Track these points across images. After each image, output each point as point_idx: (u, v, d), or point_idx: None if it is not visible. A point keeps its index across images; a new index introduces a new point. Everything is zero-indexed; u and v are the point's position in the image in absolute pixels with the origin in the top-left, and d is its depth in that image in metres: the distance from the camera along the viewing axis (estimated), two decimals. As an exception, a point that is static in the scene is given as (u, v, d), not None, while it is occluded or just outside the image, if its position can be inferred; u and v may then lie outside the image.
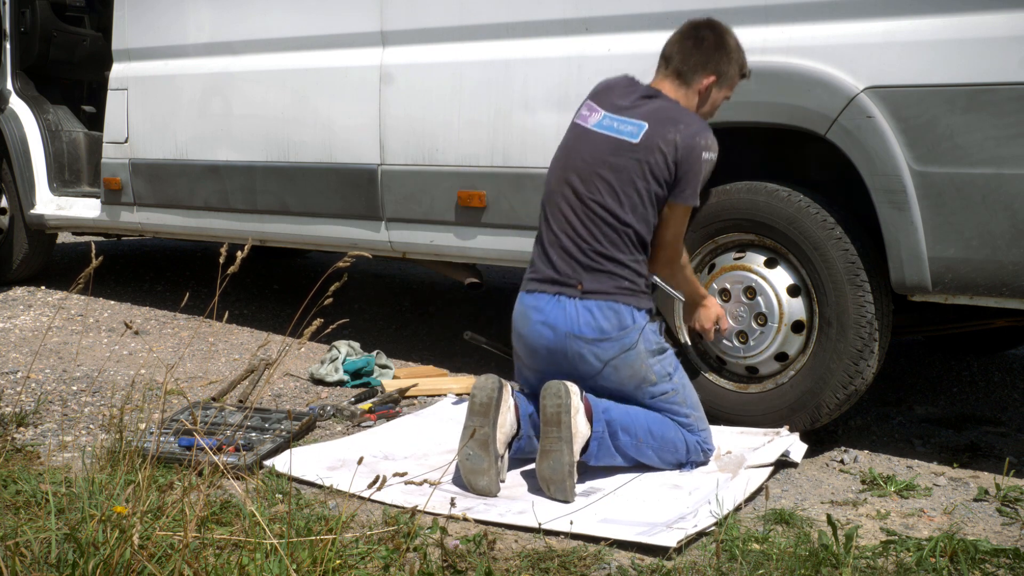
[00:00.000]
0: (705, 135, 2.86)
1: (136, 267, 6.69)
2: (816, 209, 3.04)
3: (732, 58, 2.95)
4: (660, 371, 2.90)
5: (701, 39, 2.92)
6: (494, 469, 2.74)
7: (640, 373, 2.88)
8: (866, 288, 2.96)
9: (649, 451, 2.88)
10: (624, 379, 2.88)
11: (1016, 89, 2.66)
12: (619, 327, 2.83)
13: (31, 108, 5.61)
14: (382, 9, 4.00)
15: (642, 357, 2.86)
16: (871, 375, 3.02)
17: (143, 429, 2.94)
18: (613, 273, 2.84)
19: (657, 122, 2.85)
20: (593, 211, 2.86)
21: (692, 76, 2.93)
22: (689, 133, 2.83)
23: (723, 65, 2.93)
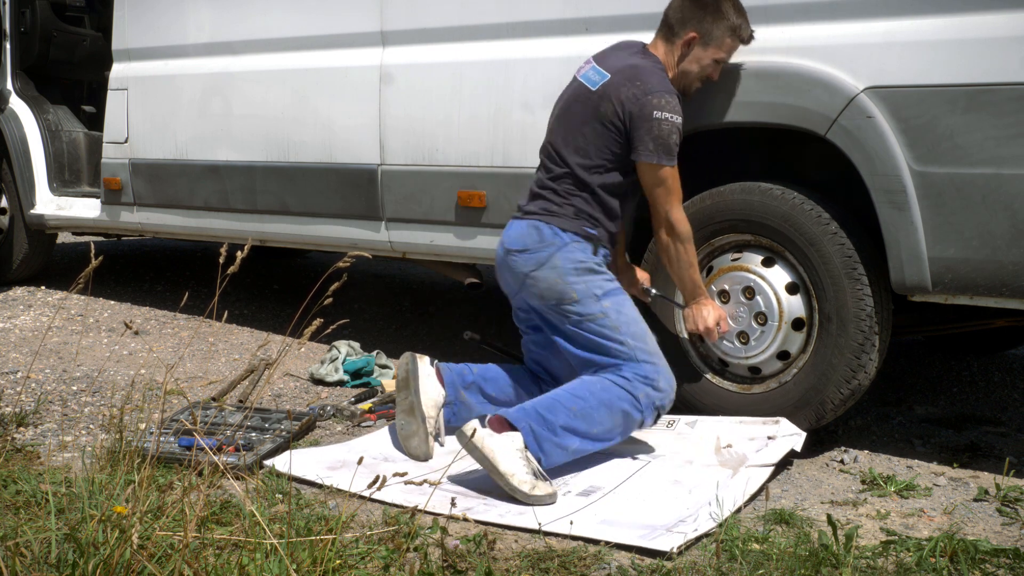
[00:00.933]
0: (660, 95, 2.91)
1: (136, 267, 6.69)
2: (811, 206, 3.04)
3: (721, 18, 2.99)
4: (583, 290, 2.94)
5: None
6: (422, 430, 3.03)
7: (557, 288, 2.96)
8: (864, 282, 2.96)
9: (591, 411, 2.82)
10: (543, 294, 2.99)
11: (1016, 89, 2.66)
12: (538, 241, 2.99)
13: (31, 108, 5.61)
14: (382, 9, 4.00)
15: (559, 272, 2.96)
16: (873, 369, 3.02)
17: (143, 429, 2.94)
18: (547, 199, 3.03)
19: (620, 75, 2.97)
20: (547, 150, 3.09)
21: (677, 30, 3.04)
22: (643, 90, 2.92)
23: (707, 24, 2.99)
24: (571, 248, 2.97)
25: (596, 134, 2.98)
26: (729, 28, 3.00)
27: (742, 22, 3.02)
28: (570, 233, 2.98)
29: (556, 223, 2.99)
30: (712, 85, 3.14)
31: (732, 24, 3.00)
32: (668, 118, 2.91)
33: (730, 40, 3.02)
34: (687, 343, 3.32)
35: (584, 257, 2.97)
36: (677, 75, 3.07)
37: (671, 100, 2.93)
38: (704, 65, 3.04)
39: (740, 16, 3.02)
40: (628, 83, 2.95)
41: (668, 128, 2.92)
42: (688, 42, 3.02)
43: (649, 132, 2.90)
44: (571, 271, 2.95)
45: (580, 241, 2.98)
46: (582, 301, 2.94)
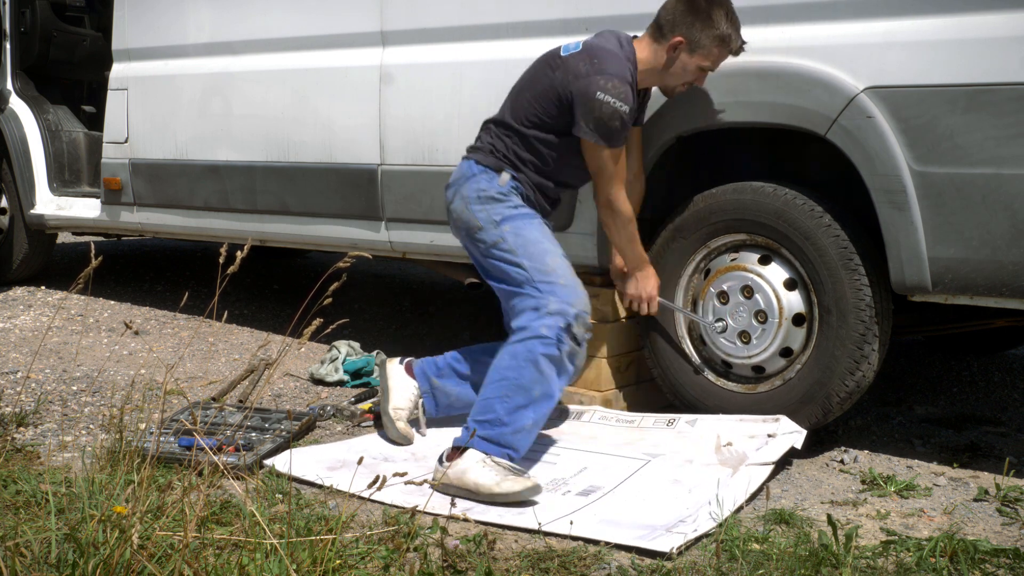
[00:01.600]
0: (609, 78, 2.91)
1: (136, 267, 6.69)
2: (803, 200, 3.04)
3: (710, 26, 2.96)
4: (484, 218, 3.02)
5: (693, 3, 2.99)
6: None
7: (464, 218, 3.07)
8: (861, 272, 2.96)
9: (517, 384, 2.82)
10: (457, 224, 3.12)
11: (1016, 89, 2.66)
12: (457, 176, 3.12)
13: (31, 108, 5.61)
14: (382, 9, 4.00)
15: (465, 201, 3.06)
16: (876, 360, 3.02)
17: (143, 429, 2.94)
18: (478, 139, 3.17)
19: (585, 49, 3.00)
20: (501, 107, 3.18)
21: (666, 32, 3.03)
22: (595, 69, 2.93)
23: (696, 30, 2.97)
24: (478, 178, 3.05)
25: (544, 94, 3.01)
26: (718, 37, 2.98)
27: (732, 32, 2.98)
28: (481, 166, 3.06)
29: (474, 158, 3.10)
30: (712, 85, 3.15)
31: (721, 33, 2.97)
32: (610, 102, 2.90)
33: (717, 50, 3.00)
34: (690, 347, 3.31)
35: (487, 186, 3.03)
36: (660, 76, 3.08)
37: (619, 86, 2.90)
38: (689, 71, 3.04)
39: (731, 26, 2.98)
40: (586, 58, 2.96)
41: (609, 112, 2.90)
42: (675, 46, 3.00)
43: (590, 112, 2.92)
44: (474, 199, 3.04)
45: (488, 172, 3.05)
46: (484, 228, 3.02)
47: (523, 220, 3.02)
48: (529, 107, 3.04)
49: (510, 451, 2.80)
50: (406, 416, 3.24)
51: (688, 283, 3.31)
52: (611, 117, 2.91)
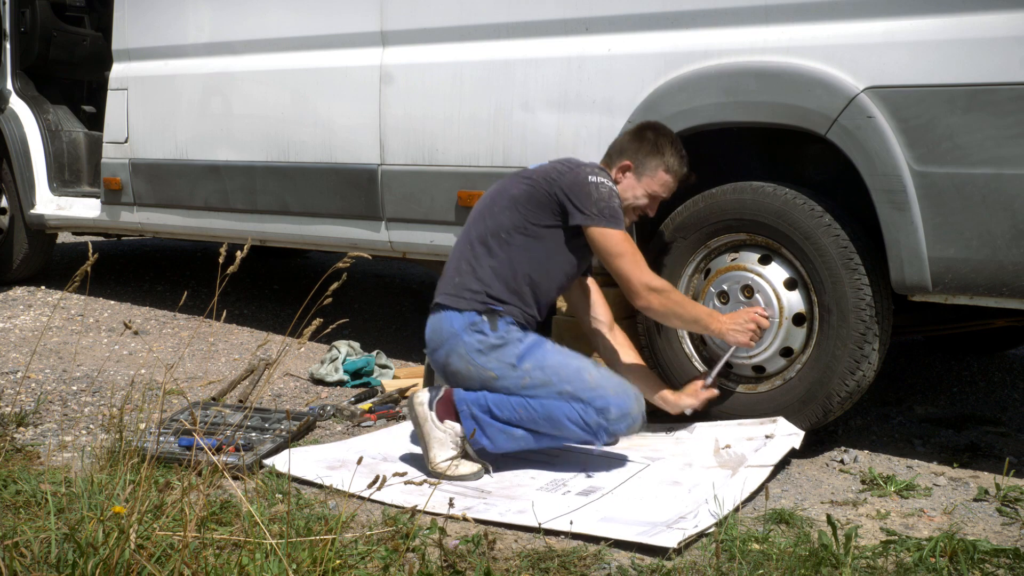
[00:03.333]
0: (591, 168, 2.97)
1: (136, 267, 6.69)
2: (803, 200, 3.04)
3: (658, 154, 3.06)
4: (498, 367, 2.88)
5: (640, 132, 3.11)
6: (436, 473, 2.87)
7: (475, 374, 2.91)
8: (861, 271, 2.96)
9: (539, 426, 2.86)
10: (466, 384, 2.94)
11: (1016, 89, 2.66)
12: (438, 338, 2.96)
13: (31, 108, 5.61)
14: (382, 9, 4.00)
15: (466, 359, 2.91)
16: (876, 360, 3.02)
17: (143, 429, 2.94)
18: (446, 279, 3.01)
19: (556, 161, 3.05)
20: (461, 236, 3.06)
21: (614, 160, 3.11)
22: (576, 164, 2.99)
23: (642, 155, 3.07)
24: (468, 331, 2.89)
25: (521, 200, 2.95)
26: (663, 164, 3.07)
27: (678, 161, 3.07)
28: (464, 313, 2.91)
29: (452, 305, 2.93)
30: (711, 85, 3.15)
31: (667, 162, 3.07)
32: (604, 182, 2.94)
33: (665, 175, 3.08)
34: (690, 348, 3.31)
35: (482, 336, 2.89)
36: None
37: (606, 173, 3.01)
38: (637, 195, 3.09)
39: (677, 157, 3.07)
40: (561, 163, 3.01)
41: (607, 192, 2.93)
42: (623, 169, 3.08)
43: (588, 196, 2.90)
44: (475, 353, 2.89)
45: (476, 321, 2.89)
46: (503, 376, 2.88)
47: (538, 350, 2.90)
48: (509, 217, 2.94)
49: (488, 442, 2.88)
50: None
51: (688, 283, 3.31)
52: (609, 196, 2.93)
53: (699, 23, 3.20)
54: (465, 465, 2.88)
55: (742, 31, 3.10)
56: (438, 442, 2.87)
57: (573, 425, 2.84)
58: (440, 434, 2.88)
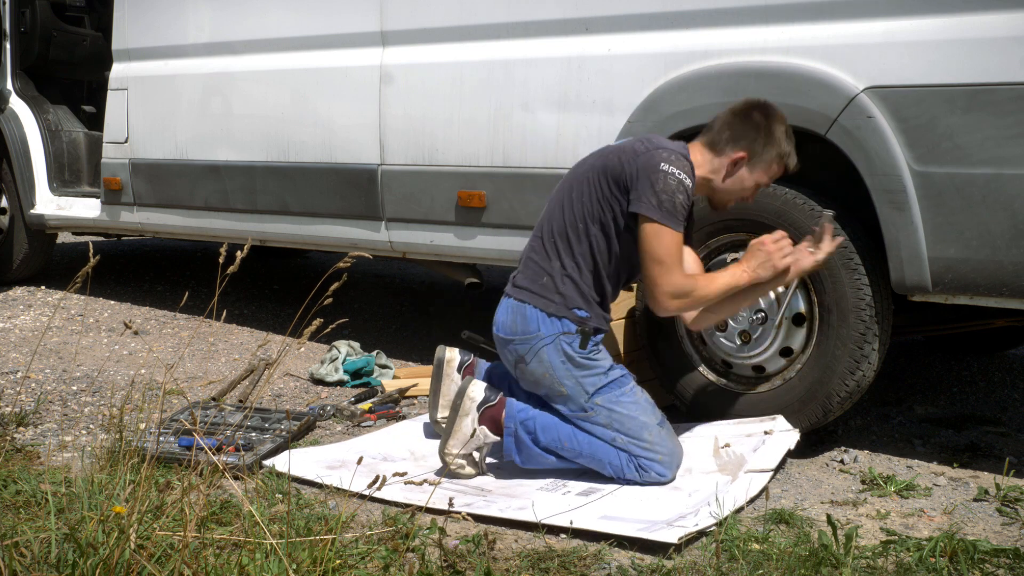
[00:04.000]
0: (671, 153, 2.77)
1: (136, 267, 6.69)
2: (803, 200, 3.04)
3: (772, 144, 2.85)
4: (572, 387, 2.84)
5: (748, 115, 2.86)
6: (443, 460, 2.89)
7: (545, 383, 2.88)
8: (861, 271, 2.96)
9: (579, 459, 2.85)
10: (537, 383, 2.91)
11: (1016, 89, 2.66)
12: (524, 332, 2.88)
13: (31, 108, 5.61)
14: (382, 9, 4.00)
15: (546, 366, 2.85)
16: (876, 360, 3.02)
17: (143, 429, 2.94)
18: (535, 269, 2.91)
19: (637, 137, 2.92)
20: (544, 216, 2.96)
21: (724, 146, 2.87)
22: (654, 145, 2.81)
23: (758, 146, 2.84)
24: (559, 341, 2.83)
25: (597, 188, 2.83)
26: (779, 155, 2.86)
27: (791, 150, 2.88)
28: (556, 320, 2.84)
29: (541, 307, 2.85)
30: (711, 85, 3.15)
31: (783, 151, 2.86)
32: (675, 173, 2.74)
33: (777, 167, 2.88)
34: (690, 347, 3.31)
35: (570, 351, 2.83)
36: (712, 187, 2.93)
37: (683, 162, 2.78)
38: (746, 187, 2.90)
39: (791, 143, 2.88)
40: (641, 141, 2.85)
41: (675, 183, 2.73)
42: (736, 161, 2.86)
43: (653, 185, 2.72)
44: (559, 365, 2.84)
45: (569, 332, 2.84)
46: (571, 397, 2.85)
47: (616, 391, 2.85)
48: (587, 201, 2.84)
49: (518, 457, 2.88)
50: None
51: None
52: (676, 189, 2.73)
53: (699, 23, 3.20)
54: (468, 471, 2.92)
55: (742, 31, 3.10)
56: (462, 438, 2.86)
57: (610, 468, 2.84)
58: (469, 432, 2.87)
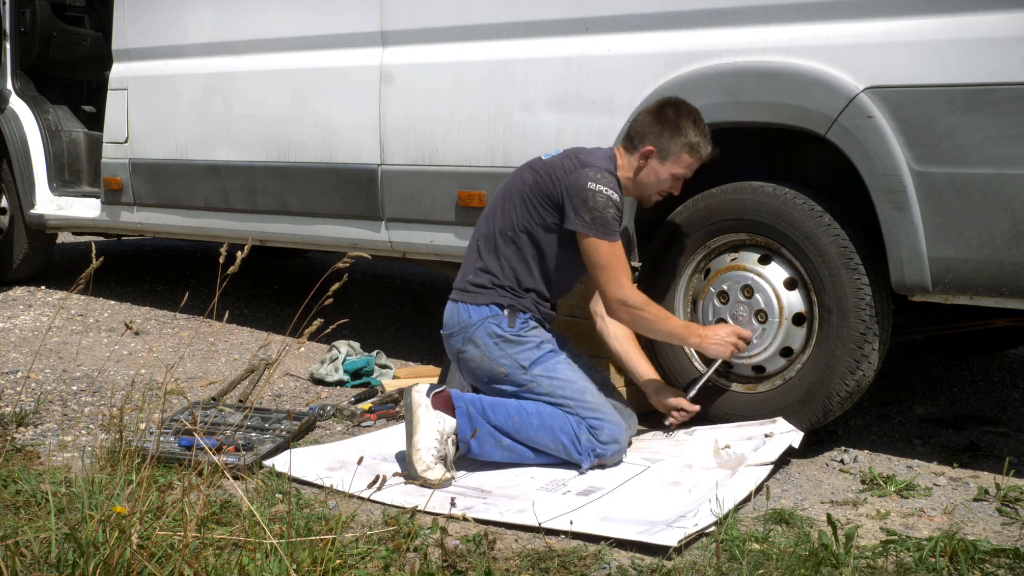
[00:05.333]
0: (597, 170, 2.94)
1: (136, 267, 6.69)
2: (803, 200, 3.05)
3: (679, 134, 3.01)
4: (510, 364, 2.97)
5: (660, 111, 3.05)
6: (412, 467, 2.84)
7: (485, 367, 3.01)
8: (861, 271, 2.96)
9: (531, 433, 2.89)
10: (475, 372, 3.04)
11: (1016, 89, 2.66)
12: (457, 323, 3.05)
13: (31, 108, 5.61)
14: (382, 9, 4.00)
15: (482, 349, 3.00)
16: (876, 360, 3.02)
17: (143, 429, 2.94)
18: (465, 272, 3.10)
19: (566, 153, 3.05)
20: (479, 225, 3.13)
21: (636, 144, 3.06)
22: (581, 163, 2.97)
23: (664, 139, 3.01)
24: (487, 323, 2.99)
25: (532, 197, 3.00)
26: (686, 144, 3.02)
27: (700, 140, 3.03)
28: (484, 307, 3.01)
29: (470, 301, 3.03)
30: (711, 85, 3.14)
31: (691, 141, 3.02)
32: (603, 191, 2.92)
33: (688, 156, 3.04)
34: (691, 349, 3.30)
35: (500, 330, 2.98)
36: (634, 184, 3.09)
37: (607, 177, 2.95)
38: (662, 179, 3.07)
39: (700, 134, 3.03)
40: (571, 157, 3.01)
41: (603, 200, 2.92)
42: (645, 155, 3.04)
43: (584, 203, 2.91)
44: (491, 346, 2.98)
45: (497, 314, 3.00)
46: (511, 375, 2.98)
47: (552, 359, 2.99)
48: (518, 213, 3.02)
49: (475, 444, 2.89)
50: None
51: (688, 283, 3.31)
52: (605, 206, 2.92)
53: (699, 23, 3.20)
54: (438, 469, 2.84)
55: (742, 31, 3.09)
56: (426, 428, 2.85)
57: (564, 437, 2.90)
58: (430, 421, 2.86)
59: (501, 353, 2.98)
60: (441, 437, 2.85)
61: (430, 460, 2.81)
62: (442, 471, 2.82)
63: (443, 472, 2.82)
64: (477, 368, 3.03)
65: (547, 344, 3.02)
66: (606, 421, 2.93)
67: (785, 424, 3.05)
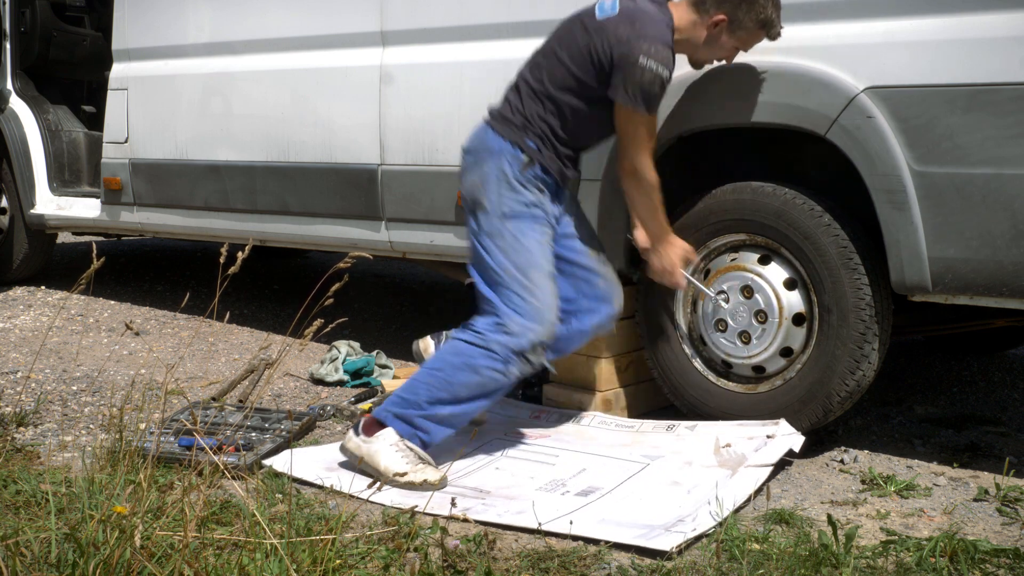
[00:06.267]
0: (652, 42, 2.82)
1: (136, 267, 6.69)
2: (803, 200, 3.05)
3: (754, 8, 2.89)
4: (495, 202, 2.91)
5: None
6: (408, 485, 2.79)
7: (475, 192, 2.96)
8: (861, 271, 2.96)
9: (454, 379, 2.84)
10: (466, 193, 3.01)
11: (1016, 89, 2.66)
12: (479, 145, 2.98)
13: (31, 108, 5.61)
14: (382, 9, 4.00)
15: (482, 177, 2.94)
16: (876, 359, 3.02)
17: (143, 429, 2.94)
18: (505, 102, 3.01)
19: (625, 13, 2.88)
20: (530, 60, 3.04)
21: (706, 8, 2.93)
22: (637, 33, 2.83)
23: (739, 11, 2.90)
24: (502, 157, 2.93)
25: (579, 57, 2.90)
26: (761, 20, 2.91)
27: (775, 16, 2.93)
28: (508, 142, 2.94)
29: (500, 129, 2.96)
30: (711, 86, 3.14)
31: (765, 18, 2.91)
32: (652, 67, 2.81)
33: (758, 34, 2.95)
34: (690, 348, 3.31)
35: (509, 169, 2.92)
36: (693, 48, 3.01)
37: (662, 51, 2.83)
38: (725, 48, 2.98)
39: (775, 10, 2.93)
40: (627, 23, 2.86)
41: (651, 77, 2.82)
42: (716, 23, 2.92)
43: (631, 76, 2.82)
44: (492, 179, 2.92)
45: (516, 156, 2.92)
46: (490, 213, 2.92)
47: (529, 224, 2.93)
48: (563, 70, 2.93)
49: (422, 434, 2.86)
50: None
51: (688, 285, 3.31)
52: (652, 82, 2.82)
53: (699, 23, 3.19)
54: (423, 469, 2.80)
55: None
56: (381, 455, 2.80)
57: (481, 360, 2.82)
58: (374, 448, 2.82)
59: (495, 189, 2.91)
60: (397, 449, 2.82)
61: (409, 467, 2.78)
62: (431, 470, 2.80)
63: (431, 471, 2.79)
64: (470, 188, 2.98)
65: (538, 211, 2.94)
66: (528, 304, 2.86)
67: (787, 427, 3.05)
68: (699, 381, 3.28)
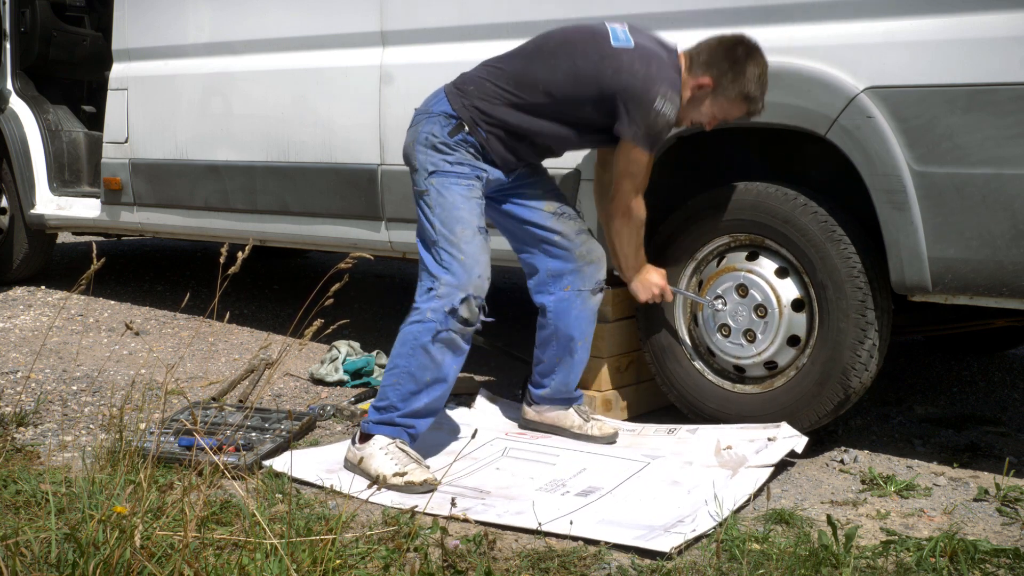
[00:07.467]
0: (668, 88, 2.86)
1: (136, 267, 6.69)
2: (775, 188, 3.08)
3: (739, 80, 2.89)
4: (422, 161, 2.96)
5: (731, 47, 2.92)
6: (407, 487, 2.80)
7: (407, 153, 3.03)
8: (846, 241, 2.97)
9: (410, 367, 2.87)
10: (403, 154, 3.07)
11: (1016, 89, 2.66)
12: (426, 105, 3.04)
13: (31, 108, 5.60)
14: (382, 9, 4.00)
15: (415, 137, 2.99)
16: (882, 328, 3.01)
17: (143, 429, 2.94)
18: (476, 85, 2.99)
19: (642, 50, 2.90)
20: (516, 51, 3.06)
21: (696, 68, 2.95)
22: (656, 77, 2.86)
23: (724, 78, 2.89)
24: (433, 120, 2.96)
25: (584, 76, 2.90)
26: (744, 95, 2.91)
27: (759, 95, 2.91)
28: (448, 107, 2.96)
29: (447, 94, 2.99)
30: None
31: (748, 92, 2.90)
32: (666, 112, 2.87)
33: (739, 106, 2.94)
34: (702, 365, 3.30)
35: (438, 132, 2.94)
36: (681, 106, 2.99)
37: (674, 97, 2.88)
38: (703, 113, 2.97)
39: (760, 88, 2.91)
40: (644, 62, 2.88)
41: (663, 121, 2.88)
42: (701, 86, 2.93)
43: (644, 116, 2.86)
44: (421, 140, 2.96)
45: (449, 118, 2.94)
46: (418, 171, 2.97)
47: (452, 179, 2.93)
48: (561, 78, 2.92)
49: (408, 430, 2.90)
50: None
51: (688, 284, 3.31)
52: (663, 126, 2.90)
53: (699, 23, 3.19)
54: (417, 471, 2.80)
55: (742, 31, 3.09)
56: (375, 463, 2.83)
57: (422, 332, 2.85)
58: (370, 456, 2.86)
59: (422, 150, 2.95)
60: (386, 453, 2.84)
61: (398, 468, 2.79)
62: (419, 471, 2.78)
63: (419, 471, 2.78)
64: (405, 148, 3.05)
65: (465, 169, 2.95)
66: (457, 259, 2.88)
67: (789, 429, 3.05)
68: (715, 392, 3.27)
